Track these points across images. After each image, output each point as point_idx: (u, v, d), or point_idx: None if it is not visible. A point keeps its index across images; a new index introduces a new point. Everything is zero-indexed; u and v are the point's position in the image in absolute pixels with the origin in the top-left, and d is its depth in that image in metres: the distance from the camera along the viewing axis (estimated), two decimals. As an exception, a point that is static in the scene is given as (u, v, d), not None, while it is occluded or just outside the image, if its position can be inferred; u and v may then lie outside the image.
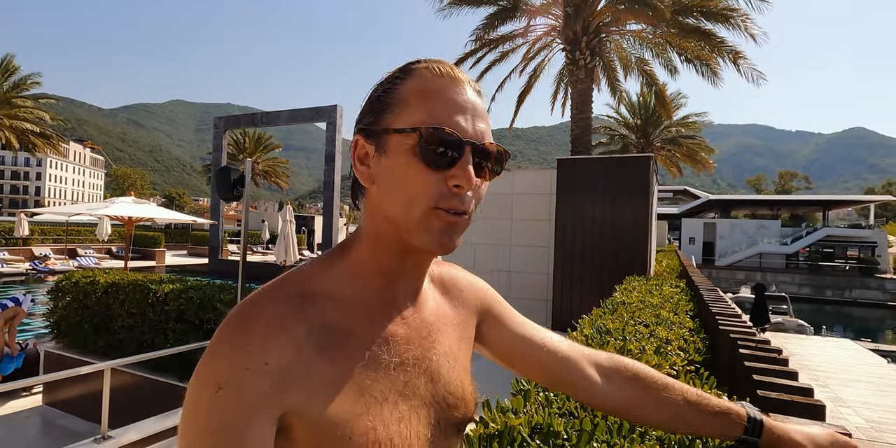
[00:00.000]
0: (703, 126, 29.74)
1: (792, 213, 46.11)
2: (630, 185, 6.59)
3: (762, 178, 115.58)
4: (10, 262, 17.80)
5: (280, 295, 0.55)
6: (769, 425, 0.73)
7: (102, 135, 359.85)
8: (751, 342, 1.55)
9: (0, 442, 3.77)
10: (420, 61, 0.61)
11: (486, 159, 0.58)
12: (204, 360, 0.49)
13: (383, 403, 0.54)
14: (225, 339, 0.49)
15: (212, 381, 0.47)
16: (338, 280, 0.59)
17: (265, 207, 52.91)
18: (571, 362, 0.75)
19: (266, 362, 0.48)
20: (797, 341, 9.04)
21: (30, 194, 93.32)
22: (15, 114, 26.34)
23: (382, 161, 0.58)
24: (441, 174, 0.55)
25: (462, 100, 0.58)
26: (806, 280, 28.76)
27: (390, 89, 0.59)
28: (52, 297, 5.44)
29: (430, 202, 0.55)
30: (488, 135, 0.59)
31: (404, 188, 0.56)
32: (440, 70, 0.59)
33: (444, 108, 0.56)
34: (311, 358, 0.51)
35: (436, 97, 0.57)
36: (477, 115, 0.58)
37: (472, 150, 0.56)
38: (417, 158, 0.55)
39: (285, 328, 0.50)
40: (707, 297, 2.95)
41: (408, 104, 0.57)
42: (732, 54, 12.00)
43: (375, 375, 0.55)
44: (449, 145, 0.55)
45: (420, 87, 0.58)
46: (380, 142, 0.58)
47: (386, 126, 0.58)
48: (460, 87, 0.59)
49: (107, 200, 10.11)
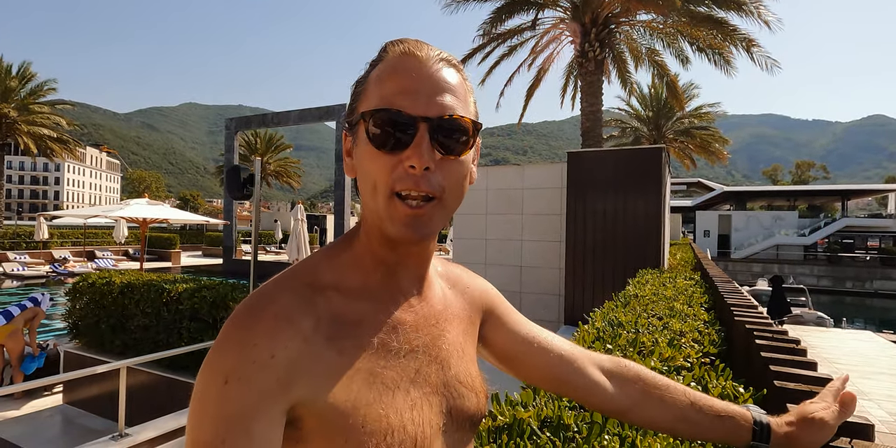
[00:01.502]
0: (716, 117, 29.26)
1: (809, 204, 45.30)
2: (642, 178, 6.49)
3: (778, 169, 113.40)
4: (30, 265, 18.19)
5: (289, 286, 0.54)
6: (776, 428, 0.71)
7: (118, 139, 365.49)
8: (767, 333, 1.50)
9: (23, 440, 3.85)
10: (387, 44, 0.59)
11: (453, 133, 0.55)
12: (212, 352, 0.48)
13: (395, 391, 0.53)
14: (233, 332, 0.49)
15: (219, 374, 0.47)
16: (342, 271, 0.59)
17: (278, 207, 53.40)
18: (573, 365, 0.73)
19: (273, 355, 0.47)
20: (817, 333, 8.88)
21: (49, 199, 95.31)
22: (33, 120, 26.84)
23: (355, 151, 0.58)
24: (397, 156, 0.53)
25: (417, 75, 0.55)
26: (825, 271, 28.22)
27: (363, 79, 0.59)
28: (69, 298, 5.53)
29: (388, 188, 0.54)
30: (454, 108, 0.55)
31: (367, 176, 0.56)
32: (400, 49, 0.57)
33: (393, 88, 0.54)
34: (319, 349, 0.50)
35: (388, 78, 0.55)
36: (437, 88, 0.55)
37: (428, 126, 0.53)
38: (370, 143, 0.54)
39: (293, 321, 0.50)
40: (722, 288, 2.89)
41: (368, 91, 0.57)
42: (746, 42, 11.76)
43: (386, 363, 0.54)
44: (397, 125, 0.53)
45: (379, 71, 0.57)
46: (354, 132, 0.58)
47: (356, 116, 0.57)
48: (417, 62, 0.56)
49: (121, 202, 10.26)
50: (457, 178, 0.57)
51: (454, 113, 0.55)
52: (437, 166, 0.54)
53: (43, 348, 6.19)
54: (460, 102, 0.56)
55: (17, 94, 26.89)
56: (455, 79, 0.57)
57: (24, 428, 4.51)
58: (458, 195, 0.58)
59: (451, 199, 0.57)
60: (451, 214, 0.58)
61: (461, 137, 0.56)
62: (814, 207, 47.43)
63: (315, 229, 30.67)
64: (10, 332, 5.31)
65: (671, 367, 1.52)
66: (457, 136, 0.55)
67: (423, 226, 0.55)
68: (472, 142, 0.57)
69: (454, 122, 0.55)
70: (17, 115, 26.10)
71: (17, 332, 5.39)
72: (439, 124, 0.54)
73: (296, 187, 47.35)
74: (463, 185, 0.58)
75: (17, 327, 5.39)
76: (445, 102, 0.54)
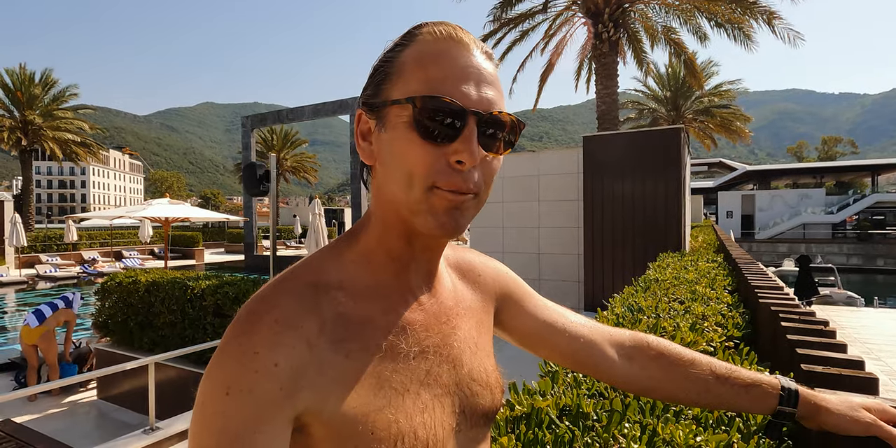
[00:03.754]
0: (737, 94, 28.37)
1: (837, 181, 43.92)
2: (660, 160, 6.35)
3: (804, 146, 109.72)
4: (62, 266, 18.77)
5: (290, 288, 0.52)
6: (805, 394, 0.69)
7: (139, 141, 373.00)
8: (794, 314, 1.45)
9: (61, 435, 3.99)
10: (422, 25, 0.55)
11: (496, 131, 0.52)
12: (214, 360, 0.47)
13: (404, 394, 0.52)
14: (234, 340, 0.47)
15: (221, 384, 0.45)
16: (348, 268, 0.56)
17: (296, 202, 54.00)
18: (594, 345, 0.73)
19: (276, 363, 0.45)
20: (847, 314, 8.65)
21: (77, 202, 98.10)
22: (57, 125, 27.54)
23: (382, 136, 0.54)
24: (442, 149, 0.50)
25: (465, 64, 0.52)
26: (854, 249, 27.38)
27: (391, 58, 0.54)
28: (99, 297, 5.69)
29: (429, 180, 0.50)
30: (498, 103, 0.53)
31: (402, 165, 0.52)
32: (442, 32, 0.53)
33: (443, 74, 0.51)
34: (324, 354, 0.48)
35: (434, 62, 0.52)
36: (483, 80, 0.52)
37: (477, 120, 0.50)
38: (414, 131, 0.50)
39: (295, 325, 0.48)
40: (746, 270, 2.81)
41: (405, 73, 0.52)
42: (767, 15, 11.34)
43: (394, 366, 0.52)
44: (449, 115, 0.49)
45: (419, 53, 0.53)
46: (380, 115, 0.54)
47: (385, 98, 0.53)
48: (464, 50, 0.53)
49: (144, 203, 10.49)
50: (492, 175, 0.55)
51: (501, 109, 0.53)
52: (479, 163, 0.52)
53: (77, 346, 6.40)
54: (501, 97, 0.54)
55: (42, 101, 27.60)
56: (494, 73, 0.55)
57: (61, 423, 4.69)
58: (488, 193, 0.56)
59: (484, 195, 0.55)
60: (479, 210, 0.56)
61: (504, 135, 0.54)
62: (842, 184, 45.92)
63: (333, 223, 30.97)
64: (43, 333, 5.48)
65: (693, 351, 1.49)
66: (500, 134, 0.53)
67: (460, 217, 0.52)
68: (514, 141, 0.55)
69: (500, 119, 0.52)
70: (43, 122, 26.82)
71: (50, 333, 5.54)
72: (489, 119, 0.51)
73: (313, 182, 47.73)
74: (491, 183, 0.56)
75: (50, 329, 5.55)
76: (492, 97, 0.52)
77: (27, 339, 5.46)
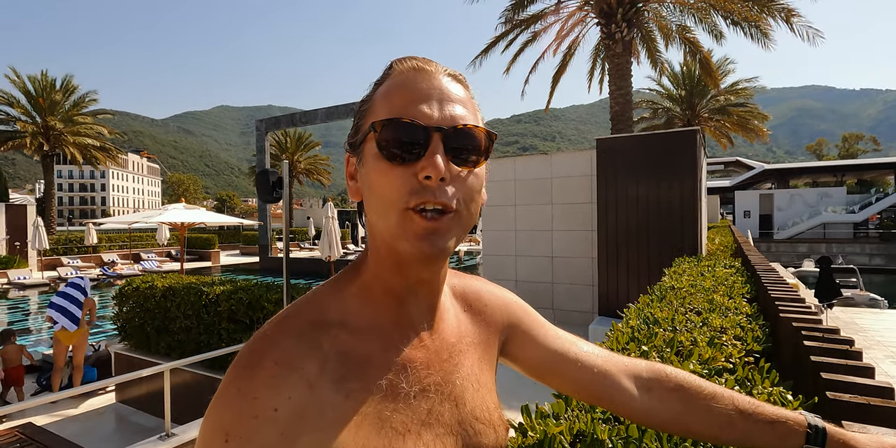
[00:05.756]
0: (754, 92, 27.88)
1: (859, 179, 42.91)
2: (676, 162, 6.25)
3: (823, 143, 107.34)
4: (83, 269, 19.15)
5: (291, 327, 0.52)
6: (833, 433, 0.65)
7: (157, 144, 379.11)
8: (817, 332, 1.40)
9: (80, 438, 4.07)
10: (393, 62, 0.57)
11: (466, 144, 0.52)
12: (214, 404, 0.46)
13: (405, 435, 0.51)
14: (233, 383, 0.47)
15: (220, 430, 0.44)
16: (350, 305, 0.56)
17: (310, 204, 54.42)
18: (608, 377, 0.70)
19: (275, 408, 0.45)
20: (870, 316, 8.44)
21: (97, 204, 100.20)
22: (77, 130, 28.11)
23: (361, 171, 0.55)
24: (410, 168, 0.50)
25: (425, 87, 0.53)
26: (878, 249, 26.71)
27: (367, 99, 0.56)
28: (117, 301, 5.78)
29: (402, 202, 0.50)
30: (466, 118, 0.53)
31: (377, 193, 0.52)
32: (407, 65, 0.55)
33: (403, 99, 0.52)
34: (325, 394, 0.48)
35: (398, 92, 0.53)
36: (447, 99, 0.53)
37: (442, 136, 0.50)
38: (381, 158, 0.51)
39: (295, 367, 0.47)
40: (765, 278, 2.75)
41: (375, 108, 0.54)
42: (785, 13, 11.12)
43: (395, 406, 0.51)
44: (409, 135, 0.50)
45: (386, 88, 0.54)
46: (359, 152, 0.55)
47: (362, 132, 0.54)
48: (426, 76, 0.54)
49: (160, 208, 10.66)
50: (471, 190, 0.53)
51: (467, 122, 0.52)
52: (452, 178, 0.51)
53: (96, 349, 6.51)
54: (471, 114, 0.54)
55: (62, 107, 28.19)
56: (464, 93, 0.55)
57: (81, 426, 4.77)
58: (473, 209, 0.54)
59: (467, 213, 0.53)
60: (467, 230, 0.54)
61: (476, 148, 0.53)
62: (864, 182, 44.83)
63: (346, 224, 31.13)
64: (82, 333, 5.66)
65: (712, 369, 1.44)
66: (471, 147, 0.53)
67: (439, 238, 0.51)
68: (487, 153, 0.55)
69: (468, 133, 0.52)
70: (63, 127, 27.40)
71: (87, 332, 5.76)
72: (453, 134, 0.51)
73: (326, 184, 48.06)
74: (478, 200, 0.55)
75: (86, 329, 5.74)
76: (457, 113, 0.52)
77: (66, 342, 5.58)
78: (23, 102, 26.91)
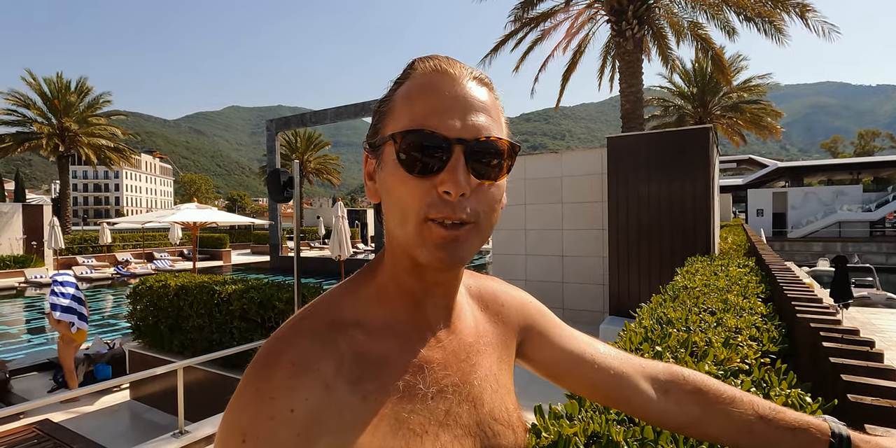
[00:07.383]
0: (767, 89, 27.47)
1: (875, 176, 42.21)
2: (688, 161, 6.18)
3: (839, 140, 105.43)
4: (97, 268, 19.42)
5: (308, 328, 0.52)
6: (857, 441, 0.62)
7: (169, 145, 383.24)
8: (835, 333, 1.38)
9: (95, 434, 4.12)
10: (414, 61, 0.55)
11: (489, 157, 0.51)
12: (231, 404, 0.47)
13: (423, 436, 0.50)
14: (251, 383, 0.47)
15: (238, 431, 0.45)
16: (365, 306, 0.56)
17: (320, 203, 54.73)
18: (624, 379, 0.68)
19: (292, 409, 0.45)
20: (887, 316, 8.30)
21: (111, 204, 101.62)
22: (91, 131, 28.52)
23: (380, 174, 0.54)
24: (431, 180, 0.49)
25: (450, 94, 0.51)
26: (894, 248, 26.26)
27: (387, 98, 0.55)
28: (131, 300, 5.85)
29: (420, 214, 0.50)
30: (490, 129, 0.52)
31: (396, 201, 0.51)
32: (430, 66, 0.53)
33: (425, 108, 0.50)
34: (341, 396, 0.48)
35: (420, 97, 0.51)
36: (472, 108, 0.51)
37: (464, 149, 0.49)
38: (400, 167, 0.50)
39: (312, 367, 0.48)
40: (781, 278, 2.71)
41: (396, 110, 0.53)
42: (799, 8, 10.95)
43: (412, 407, 0.51)
44: (430, 148, 0.49)
45: (408, 90, 0.53)
46: (378, 154, 0.54)
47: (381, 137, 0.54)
48: (449, 80, 0.52)
49: (173, 208, 10.78)
50: (492, 203, 0.53)
51: (490, 134, 0.51)
52: (473, 191, 0.51)
53: (111, 347, 6.59)
54: (495, 123, 0.53)
55: (77, 109, 28.59)
56: (488, 98, 0.54)
57: (96, 423, 4.84)
58: (492, 220, 0.54)
59: (486, 223, 0.53)
60: (485, 239, 0.54)
61: (498, 161, 0.52)
62: (880, 180, 44.07)
63: (356, 224, 31.24)
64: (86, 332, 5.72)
65: (727, 370, 1.42)
66: (493, 160, 0.52)
67: (458, 248, 0.51)
68: (509, 165, 0.54)
69: (491, 145, 0.51)
70: (78, 128, 27.80)
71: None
72: (475, 147, 0.50)
73: (336, 183, 48.28)
74: (498, 209, 0.55)
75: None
76: (480, 123, 0.51)
77: (80, 340, 5.66)
78: (39, 104, 27.35)
